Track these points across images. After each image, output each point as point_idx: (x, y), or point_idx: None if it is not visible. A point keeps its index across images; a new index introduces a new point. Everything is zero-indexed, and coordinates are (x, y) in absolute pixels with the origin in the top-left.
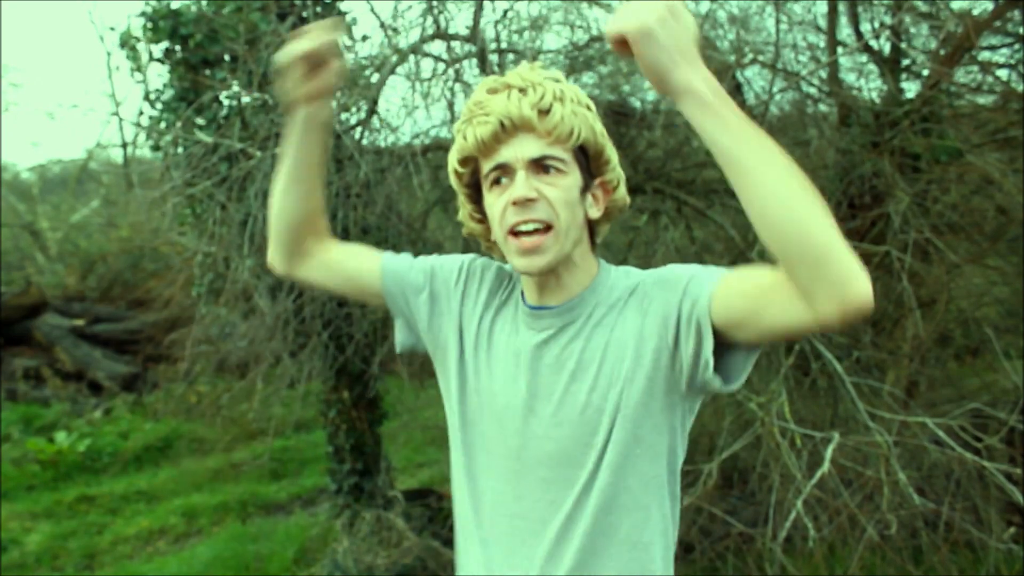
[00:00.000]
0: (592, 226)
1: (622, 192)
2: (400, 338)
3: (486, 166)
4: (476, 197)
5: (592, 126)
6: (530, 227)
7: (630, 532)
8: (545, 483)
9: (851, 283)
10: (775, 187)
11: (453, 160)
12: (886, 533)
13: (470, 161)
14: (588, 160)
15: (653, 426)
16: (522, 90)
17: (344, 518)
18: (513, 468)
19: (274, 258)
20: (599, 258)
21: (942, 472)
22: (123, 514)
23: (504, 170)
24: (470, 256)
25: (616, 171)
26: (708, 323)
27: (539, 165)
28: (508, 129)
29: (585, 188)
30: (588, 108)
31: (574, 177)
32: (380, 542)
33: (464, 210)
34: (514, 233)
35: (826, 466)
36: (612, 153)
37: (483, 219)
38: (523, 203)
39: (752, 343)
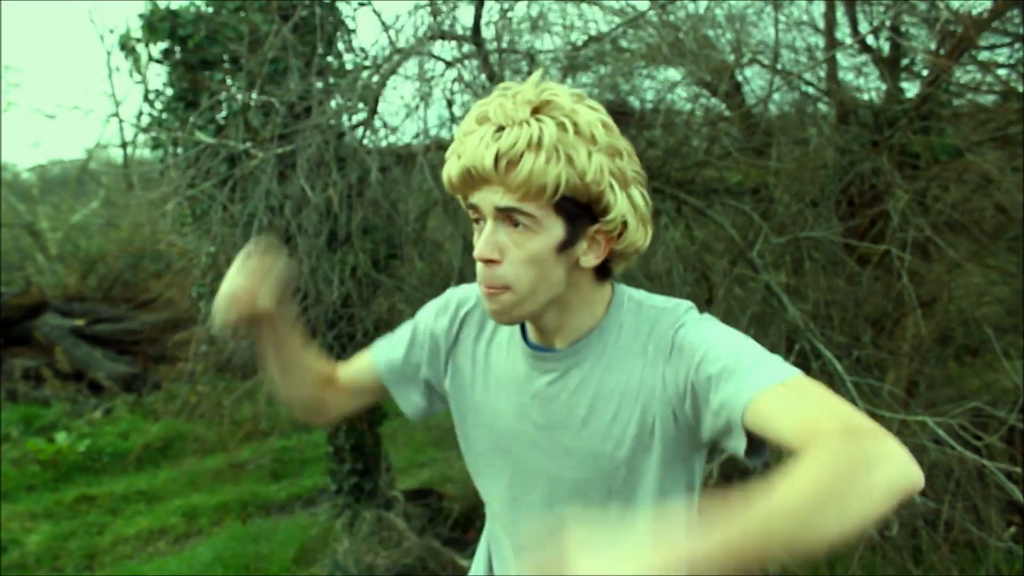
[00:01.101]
0: (601, 268)
1: (632, 236)
2: (408, 407)
3: (465, 200)
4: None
5: (582, 171)
6: (493, 290)
7: None
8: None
9: (907, 483)
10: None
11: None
12: (886, 533)
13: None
14: (579, 206)
15: (668, 469)
16: (499, 129)
17: (344, 518)
18: (525, 501)
19: (304, 417)
20: (614, 286)
21: (942, 471)
22: (123, 514)
23: (477, 212)
24: (445, 296)
25: (618, 218)
26: (740, 429)
27: (507, 218)
28: (476, 177)
29: (569, 241)
30: (592, 140)
31: (549, 234)
32: (380, 542)
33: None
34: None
35: None
36: (614, 196)
37: None
38: (484, 262)
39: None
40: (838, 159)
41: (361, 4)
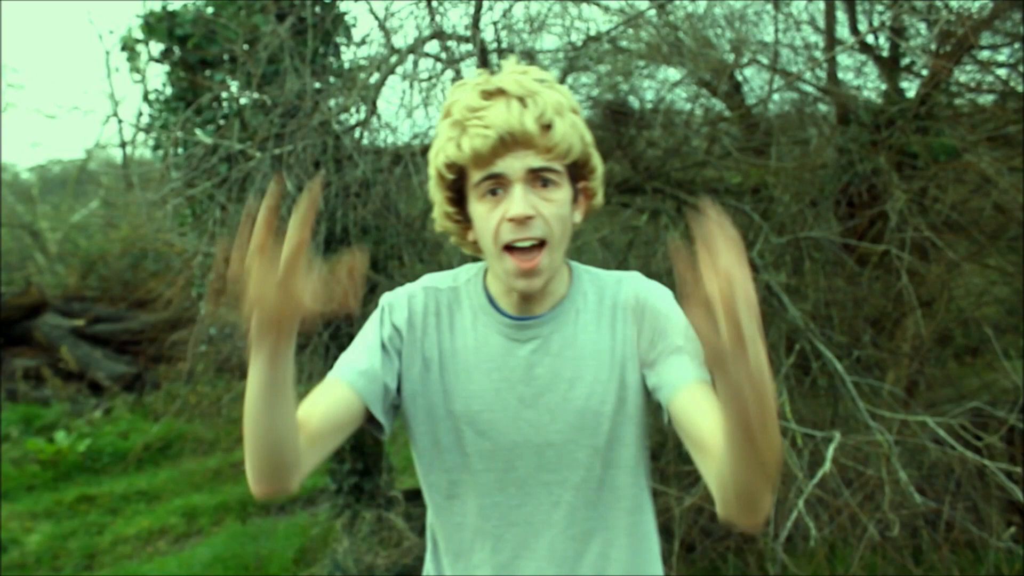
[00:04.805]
0: None
1: (600, 196)
2: (387, 426)
3: (477, 175)
4: (457, 199)
5: (583, 136)
6: (527, 244)
7: (635, 526)
8: (547, 486)
9: (760, 520)
10: (758, 480)
11: (439, 162)
12: (887, 533)
13: (458, 166)
14: (576, 168)
15: (635, 426)
16: (521, 100)
17: (344, 518)
18: (509, 478)
19: (266, 486)
20: (566, 260)
21: (942, 471)
22: (123, 514)
23: (499, 181)
24: (389, 299)
25: (599, 178)
26: (666, 419)
27: (536, 178)
28: (508, 143)
29: (575, 197)
30: (576, 112)
31: (566, 189)
32: (380, 542)
33: (441, 209)
34: (509, 248)
35: (827, 465)
36: (597, 160)
37: (461, 221)
38: (521, 220)
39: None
40: (837, 159)
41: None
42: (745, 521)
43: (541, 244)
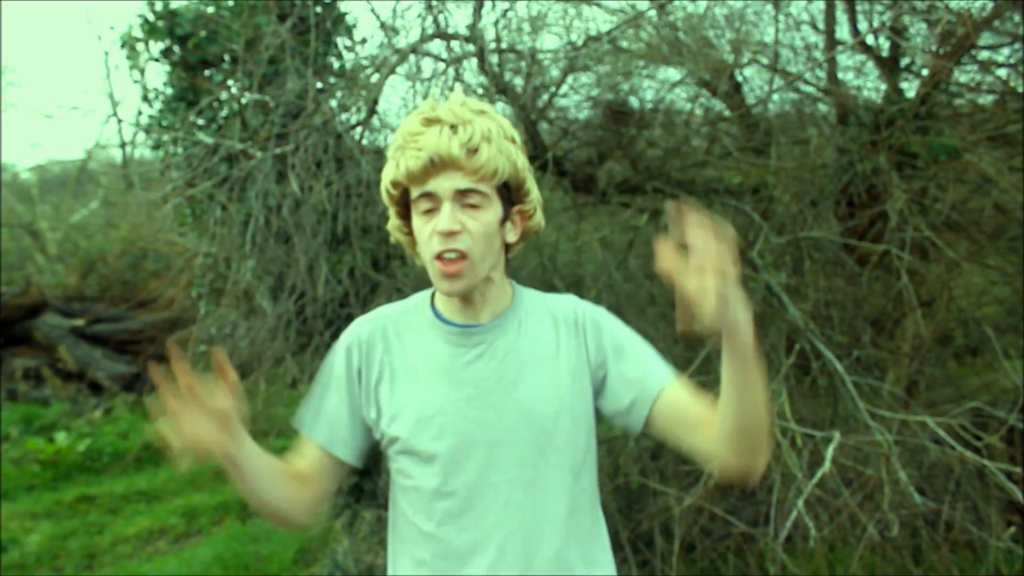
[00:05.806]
0: (507, 247)
1: (538, 218)
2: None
3: (415, 192)
4: (404, 213)
5: (515, 162)
6: (452, 255)
7: (578, 527)
8: (496, 487)
9: (759, 469)
10: (758, 410)
11: (386, 181)
12: (887, 533)
13: (400, 185)
14: (509, 191)
15: (578, 432)
16: (453, 127)
17: (344, 518)
18: (460, 482)
19: (291, 522)
20: (508, 278)
21: (942, 471)
22: (123, 514)
23: (431, 199)
24: (353, 334)
25: (533, 201)
26: (645, 413)
27: (464, 197)
28: (437, 165)
29: (505, 218)
30: (513, 141)
31: (495, 210)
32: (380, 542)
33: (393, 223)
34: (438, 258)
35: (827, 465)
36: (532, 184)
37: (410, 233)
38: (447, 234)
39: (654, 435)
40: (837, 159)
41: None
42: (746, 466)
43: (465, 257)
